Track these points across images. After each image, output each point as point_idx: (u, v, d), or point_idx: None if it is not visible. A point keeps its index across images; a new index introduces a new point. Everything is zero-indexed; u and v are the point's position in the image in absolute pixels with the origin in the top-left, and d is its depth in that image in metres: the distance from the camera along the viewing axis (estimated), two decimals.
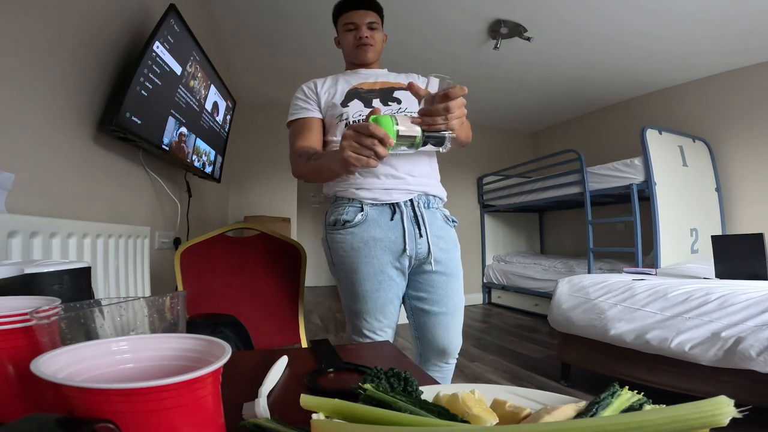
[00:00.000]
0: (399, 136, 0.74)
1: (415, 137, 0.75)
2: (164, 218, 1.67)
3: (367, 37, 1.13)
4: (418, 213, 1.02)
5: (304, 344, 1.29)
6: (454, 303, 1.06)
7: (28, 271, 0.46)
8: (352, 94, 1.09)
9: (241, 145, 3.69)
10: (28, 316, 0.32)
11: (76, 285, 0.50)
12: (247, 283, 1.30)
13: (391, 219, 1.01)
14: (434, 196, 1.07)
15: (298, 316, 1.30)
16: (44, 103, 0.89)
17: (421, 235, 1.02)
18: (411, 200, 1.03)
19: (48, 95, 0.91)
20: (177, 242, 1.76)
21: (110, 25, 1.18)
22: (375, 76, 1.16)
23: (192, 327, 0.87)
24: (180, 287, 1.24)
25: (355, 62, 1.18)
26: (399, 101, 1.09)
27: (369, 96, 1.08)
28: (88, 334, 0.32)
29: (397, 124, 0.73)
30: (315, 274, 6.28)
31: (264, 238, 1.32)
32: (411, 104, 1.08)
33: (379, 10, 1.18)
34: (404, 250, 1.00)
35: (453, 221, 1.12)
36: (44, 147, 0.90)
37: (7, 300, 0.38)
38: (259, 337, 1.11)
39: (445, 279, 1.05)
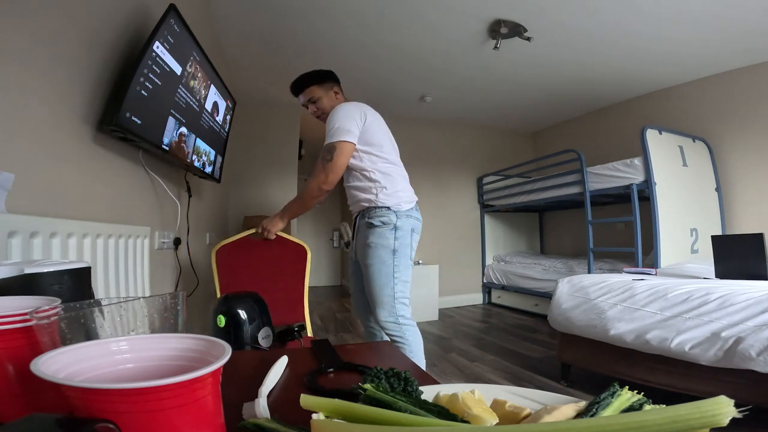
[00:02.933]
0: None
1: None
2: (164, 218, 1.67)
3: (313, 112, 1.59)
4: (356, 224, 1.56)
5: (310, 333, 1.50)
6: (368, 286, 1.46)
7: (28, 271, 0.46)
8: None
9: (241, 145, 3.69)
10: (28, 316, 0.32)
11: (76, 285, 0.50)
12: (264, 277, 1.62)
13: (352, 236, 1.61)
14: (367, 208, 1.49)
15: (304, 308, 1.58)
16: (44, 103, 0.89)
17: (353, 238, 1.58)
18: (356, 216, 1.57)
19: (48, 95, 0.91)
20: (177, 242, 1.76)
21: (110, 25, 1.18)
22: None
23: (226, 300, 1.07)
24: (216, 277, 1.58)
25: None
26: None
27: None
28: (88, 334, 0.32)
29: None
30: (315, 275, 6.28)
31: (277, 239, 1.64)
32: None
33: (310, 84, 1.55)
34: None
35: (374, 224, 1.45)
36: (44, 147, 0.90)
37: (7, 300, 0.38)
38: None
39: (363, 267, 1.49)
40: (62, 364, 0.26)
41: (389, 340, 1.42)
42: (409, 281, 1.47)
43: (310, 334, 1.54)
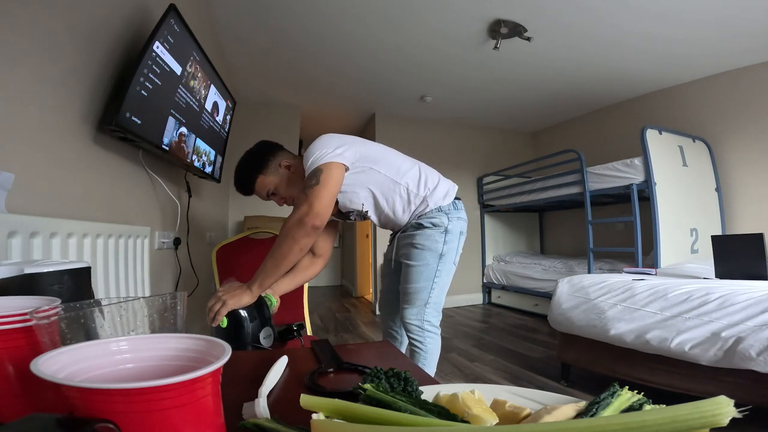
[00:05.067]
0: None
1: None
2: (164, 218, 1.67)
3: (281, 203, 1.36)
4: (396, 236, 1.45)
5: (310, 332, 1.47)
6: (405, 284, 1.39)
7: (28, 271, 0.46)
8: None
9: (241, 145, 3.68)
10: (28, 316, 0.32)
11: (76, 285, 0.50)
12: None
13: (390, 241, 1.51)
14: (407, 225, 1.39)
15: (303, 308, 1.53)
16: (44, 103, 0.89)
17: (390, 243, 1.49)
18: (397, 232, 1.45)
19: (48, 95, 0.91)
20: (177, 242, 1.76)
21: (110, 25, 1.18)
22: None
23: None
24: (216, 277, 1.52)
25: None
26: None
27: None
28: (88, 334, 0.32)
29: None
30: None
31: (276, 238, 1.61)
32: None
33: (254, 176, 1.29)
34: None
35: (423, 225, 1.35)
36: (44, 147, 0.90)
37: (7, 300, 0.38)
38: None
39: (404, 266, 1.40)
40: (62, 364, 0.26)
41: (409, 342, 1.38)
42: (448, 286, 1.41)
43: (309, 333, 1.55)
